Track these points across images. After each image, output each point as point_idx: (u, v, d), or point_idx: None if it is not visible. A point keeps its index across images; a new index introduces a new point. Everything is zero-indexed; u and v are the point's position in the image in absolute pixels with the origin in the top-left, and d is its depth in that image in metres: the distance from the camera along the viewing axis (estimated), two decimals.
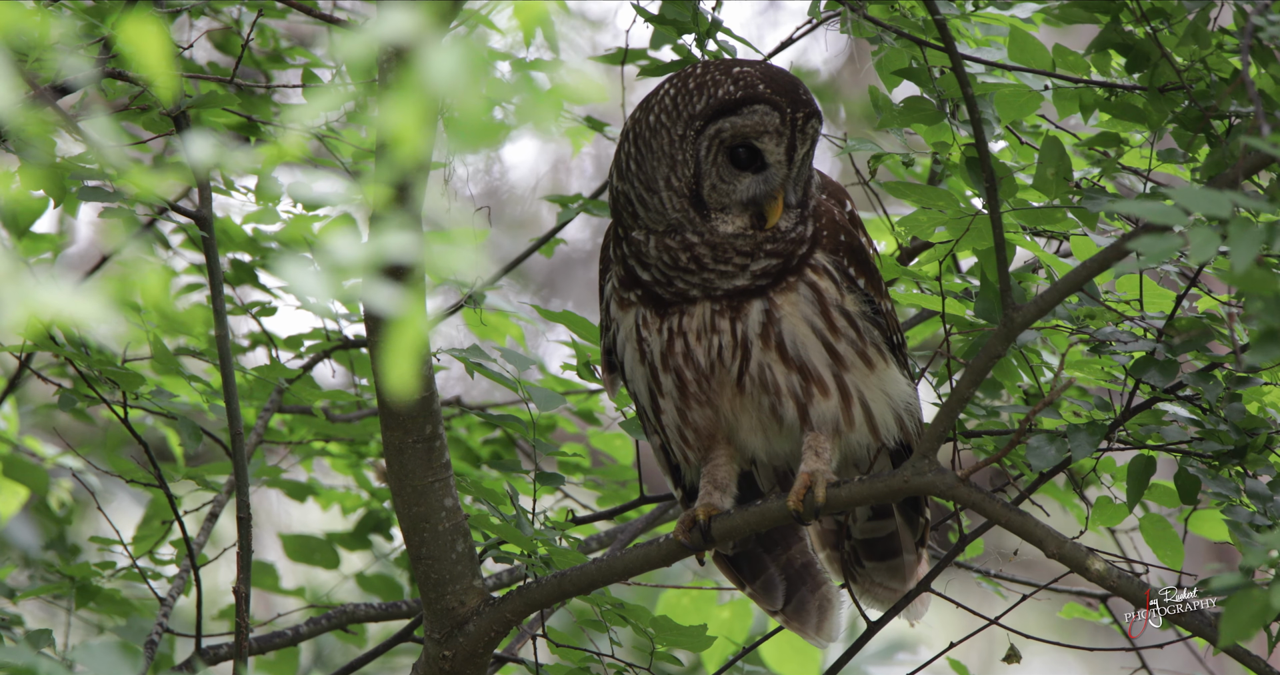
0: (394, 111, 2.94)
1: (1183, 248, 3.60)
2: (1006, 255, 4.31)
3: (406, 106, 2.94)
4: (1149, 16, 4.43)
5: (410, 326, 3.11)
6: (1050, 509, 5.04)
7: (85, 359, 4.97)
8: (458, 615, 4.51)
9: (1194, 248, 3.57)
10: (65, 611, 5.77)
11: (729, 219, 4.34)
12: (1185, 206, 3.60)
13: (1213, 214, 3.58)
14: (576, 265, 10.94)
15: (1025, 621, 5.22)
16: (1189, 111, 4.43)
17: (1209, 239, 3.58)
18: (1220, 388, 4.46)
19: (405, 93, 2.93)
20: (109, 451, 6.19)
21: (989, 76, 4.64)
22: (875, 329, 4.40)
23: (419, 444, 4.44)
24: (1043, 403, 4.25)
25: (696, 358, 4.38)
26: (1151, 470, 4.55)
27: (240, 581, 4.87)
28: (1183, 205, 3.60)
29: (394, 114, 2.94)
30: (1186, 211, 3.61)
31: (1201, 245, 3.57)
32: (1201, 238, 3.58)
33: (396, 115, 2.94)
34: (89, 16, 4.81)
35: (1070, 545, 4.23)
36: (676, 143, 4.33)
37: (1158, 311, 4.63)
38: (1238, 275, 3.59)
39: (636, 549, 4.49)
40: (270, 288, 6.04)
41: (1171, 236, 3.61)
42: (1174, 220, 3.61)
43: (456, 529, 4.48)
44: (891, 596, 4.75)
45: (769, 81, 4.31)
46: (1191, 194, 3.61)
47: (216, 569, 7.24)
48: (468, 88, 2.94)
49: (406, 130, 2.95)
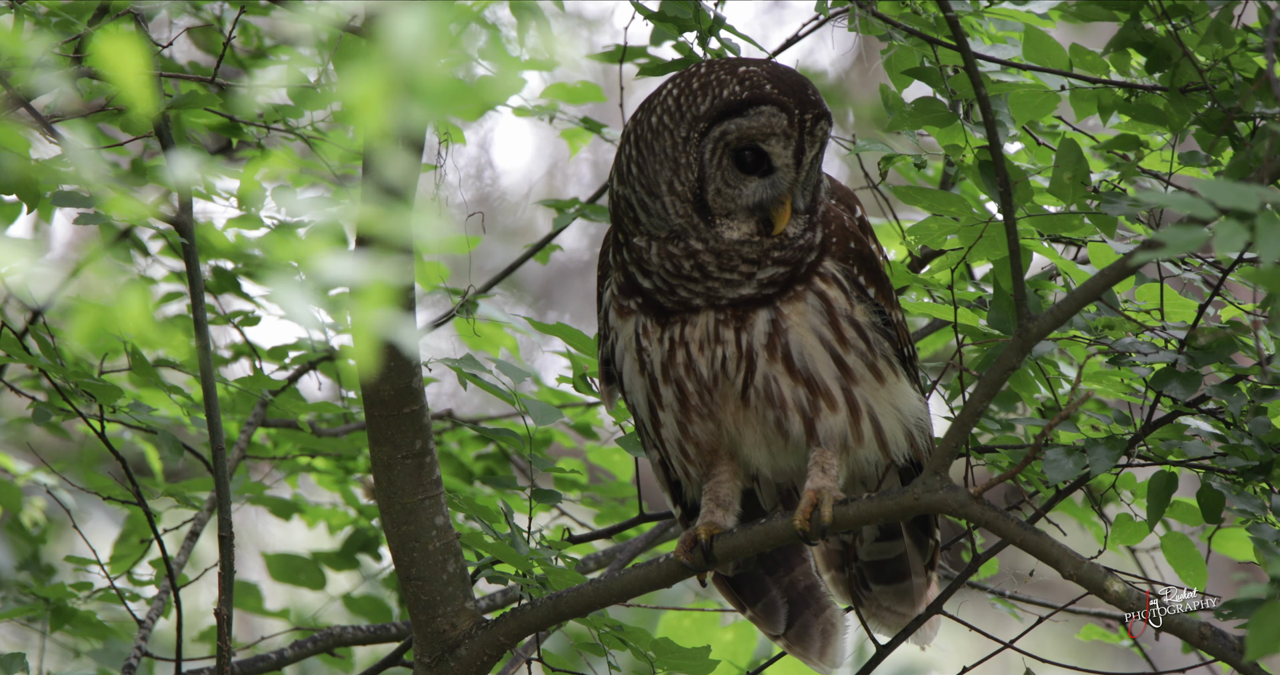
0: (358, 78, 2.91)
1: (1208, 241, 3.58)
2: (1022, 263, 4.29)
3: (370, 73, 2.92)
4: (1170, 14, 4.42)
5: (376, 294, 3.09)
6: (1068, 527, 5.02)
7: (60, 371, 4.95)
8: (449, 638, 4.50)
9: (1219, 240, 3.55)
10: (40, 634, 5.75)
11: (734, 225, 4.32)
12: (1211, 199, 3.58)
13: (1239, 208, 3.56)
14: (573, 275, 10.93)
15: (1041, 645, 5.20)
16: (1212, 113, 4.41)
17: (1235, 232, 3.56)
18: (1245, 401, 4.44)
19: (369, 58, 2.92)
20: (85, 467, 6.17)
21: (1004, 76, 4.63)
22: (886, 340, 4.38)
23: (408, 459, 4.42)
24: (1059, 416, 4.23)
25: (699, 369, 4.35)
26: (1173, 487, 4.53)
27: (222, 603, 4.85)
28: (1208, 198, 3.58)
29: (358, 81, 2.92)
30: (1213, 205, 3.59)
31: (1227, 238, 3.55)
32: (1228, 231, 3.55)
33: (360, 82, 2.92)
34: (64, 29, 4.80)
35: (1088, 566, 4.21)
36: (680, 145, 4.30)
37: (1179, 321, 4.62)
38: (1265, 272, 3.57)
39: (636, 569, 4.47)
40: (253, 297, 6.02)
41: (1197, 229, 3.59)
42: (1200, 212, 3.59)
43: (448, 548, 4.47)
44: (899, 621, 4.73)
45: (776, 81, 4.29)
46: (1218, 186, 3.59)
47: (197, 590, 7.22)
48: (434, 51, 2.92)
49: (370, 97, 2.93)
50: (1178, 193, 3.70)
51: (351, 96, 2.94)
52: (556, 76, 5.88)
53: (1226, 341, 4.45)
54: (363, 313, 3.10)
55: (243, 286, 6.03)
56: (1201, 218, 3.59)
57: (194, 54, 6.17)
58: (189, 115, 5.15)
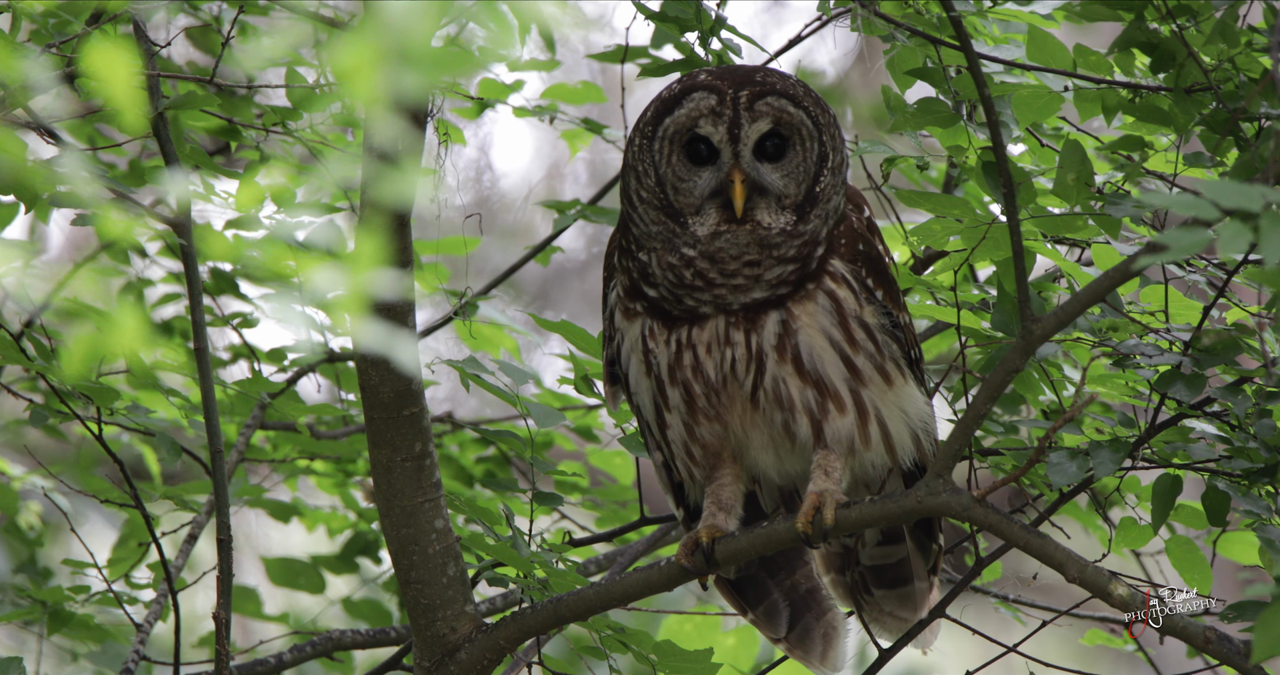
0: (350, 45, 2.90)
1: (1211, 243, 3.57)
2: (1025, 265, 4.29)
3: (363, 40, 2.91)
4: (1175, 14, 4.41)
5: (364, 254, 3.08)
6: (1071, 530, 5.01)
7: (57, 373, 4.94)
8: (449, 642, 4.49)
9: (1223, 242, 3.54)
10: (37, 638, 5.74)
11: (702, 220, 4.35)
12: (1214, 200, 3.57)
13: (1243, 208, 3.55)
14: (571, 276, 10.92)
15: (1045, 649, 5.19)
16: (1217, 113, 4.41)
17: (1239, 233, 3.55)
18: (1250, 403, 4.44)
19: (362, 28, 2.91)
20: (82, 470, 6.16)
21: (1007, 76, 4.62)
22: (894, 343, 4.38)
23: (408, 462, 4.42)
24: (1064, 419, 4.22)
25: (706, 371, 4.35)
26: (1178, 489, 4.53)
27: (220, 607, 4.85)
28: (1211, 198, 3.58)
29: (350, 48, 2.90)
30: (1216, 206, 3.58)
31: (1231, 239, 3.54)
32: (1232, 231, 3.55)
33: (352, 50, 2.90)
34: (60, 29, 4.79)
35: (1092, 569, 4.21)
36: (636, 153, 4.36)
37: (1184, 323, 4.61)
38: (1270, 272, 3.56)
39: (637, 572, 4.46)
40: (252, 298, 6.02)
41: (1200, 230, 3.59)
42: (1204, 213, 3.58)
43: (448, 551, 4.46)
44: (901, 626, 4.72)
45: (716, 72, 4.33)
46: (1221, 186, 3.58)
47: (195, 594, 7.21)
48: (427, 17, 2.91)
49: (362, 64, 2.92)
50: (1181, 194, 3.68)
51: (350, 58, 2.93)
52: (556, 77, 5.88)
53: (1231, 343, 4.45)
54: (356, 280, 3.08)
55: (241, 288, 6.02)
56: (1205, 219, 3.58)
57: (192, 54, 6.16)
58: (186, 117, 5.15)
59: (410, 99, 3.98)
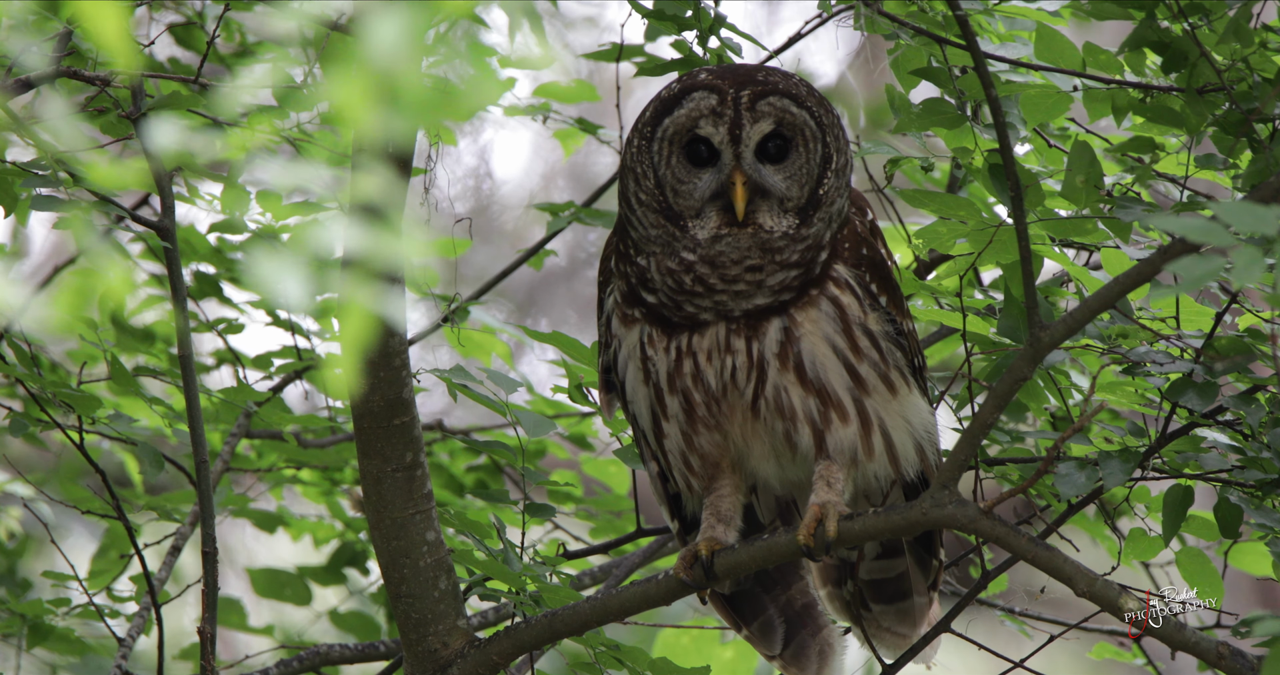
0: (341, 81, 2.89)
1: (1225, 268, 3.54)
2: (1033, 269, 4.26)
3: (352, 78, 2.90)
4: (1186, 12, 4.39)
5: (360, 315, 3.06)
6: (1080, 542, 4.99)
7: (38, 379, 4.91)
8: (440, 658, 4.47)
9: (1237, 270, 3.50)
10: (16, 651, 5.71)
11: (702, 223, 4.32)
12: (1227, 221, 3.54)
13: (1257, 231, 3.52)
14: (558, 281, 10.91)
15: (1053, 664, 5.17)
16: (1230, 114, 4.39)
17: (1254, 260, 3.51)
18: (1263, 412, 4.42)
19: (352, 62, 2.90)
20: (63, 479, 6.13)
21: (1014, 76, 4.60)
22: (898, 350, 4.35)
23: (398, 473, 4.39)
24: (1072, 428, 4.19)
25: (707, 379, 4.32)
26: (1189, 500, 4.51)
27: (205, 620, 4.82)
28: (1224, 221, 3.54)
29: (341, 84, 2.89)
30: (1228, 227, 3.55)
31: (1245, 267, 3.50)
32: (1246, 259, 3.51)
33: (344, 86, 2.89)
34: None
35: (1101, 583, 4.18)
36: (635, 155, 4.32)
37: (1196, 330, 4.59)
38: None
39: (634, 586, 4.43)
40: (237, 303, 5.99)
41: (1213, 258, 3.55)
42: (1217, 239, 3.54)
43: (439, 564, 4.44)
44: (899, 642, 4.69)
45: (715, 71, 4.30)
46: (1234, 208, 3.54)
47: (179, 607, 7.18)
48: (413, 56, 2.90)
49: (353, 102, 2.90)
50: (1192, 216, 3.63)
51: (338, 99, 2.92)
52: (548, 76, 5.85)
53: (1244, 350, 4.43)
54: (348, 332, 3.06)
55: (225, 292, 6.00)
56: (1220, 246, 3.54)
57: (175, 51, 6.13)
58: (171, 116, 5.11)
59: (402, 146, 3.96)
